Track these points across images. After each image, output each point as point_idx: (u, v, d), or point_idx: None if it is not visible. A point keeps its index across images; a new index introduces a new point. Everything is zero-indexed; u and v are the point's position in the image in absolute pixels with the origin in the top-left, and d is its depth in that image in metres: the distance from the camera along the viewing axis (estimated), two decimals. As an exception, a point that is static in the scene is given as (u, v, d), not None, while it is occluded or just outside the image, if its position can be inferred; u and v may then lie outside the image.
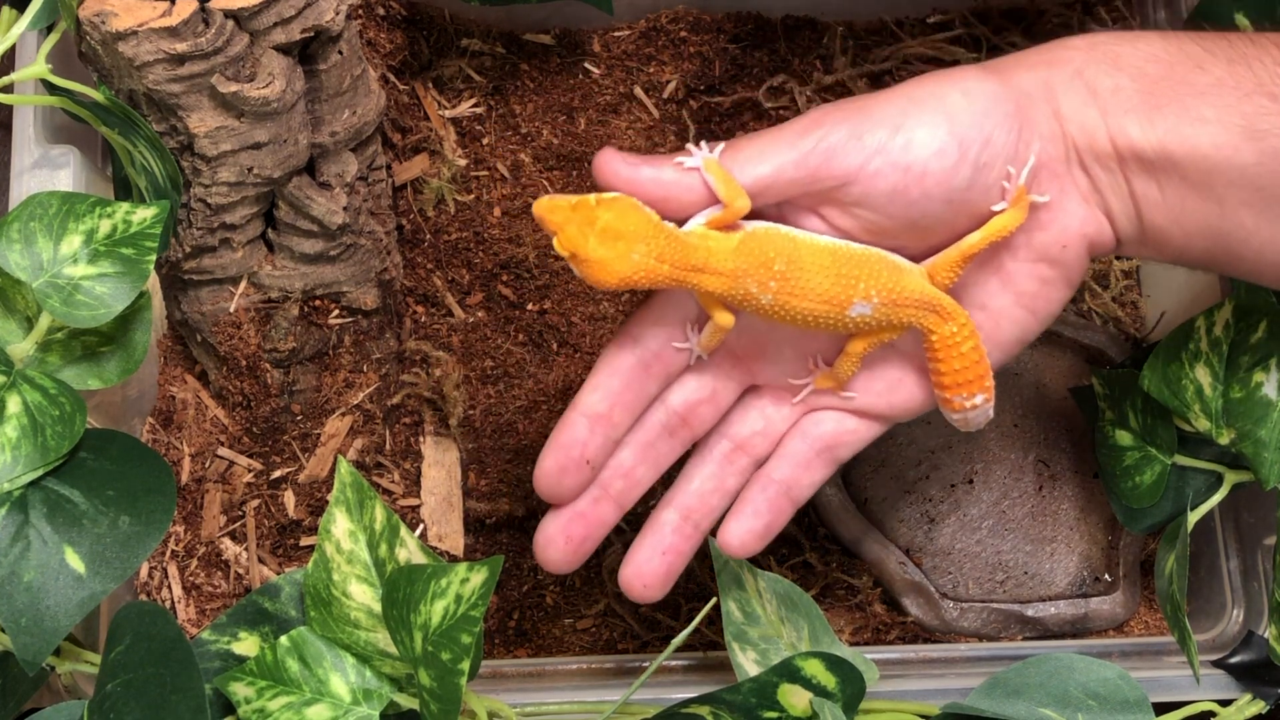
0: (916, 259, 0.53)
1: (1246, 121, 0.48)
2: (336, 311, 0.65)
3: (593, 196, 0.50)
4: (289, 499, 0.68)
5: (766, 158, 0.50)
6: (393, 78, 0.75)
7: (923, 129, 0.50)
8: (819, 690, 0.51)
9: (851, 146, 0.50)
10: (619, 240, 0.50)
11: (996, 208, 0.51)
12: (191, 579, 0.68)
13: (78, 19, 0.53)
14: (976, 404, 0.54)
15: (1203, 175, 0.49)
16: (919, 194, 0.50)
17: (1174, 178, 0.50)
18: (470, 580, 0.48)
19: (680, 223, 0.52)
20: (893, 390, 0.56)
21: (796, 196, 0.52)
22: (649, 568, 0.55)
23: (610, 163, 0.51)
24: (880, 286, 0.51)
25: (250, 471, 0.68)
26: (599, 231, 0.50)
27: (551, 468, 0.54)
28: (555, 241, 0.50)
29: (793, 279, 0.51)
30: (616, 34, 0.79)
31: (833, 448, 0.56)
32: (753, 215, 0.51)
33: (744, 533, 0.56)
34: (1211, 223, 0.50)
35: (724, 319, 0.52)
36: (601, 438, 0.54)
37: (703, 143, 0.51)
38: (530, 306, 0.75)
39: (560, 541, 0.55)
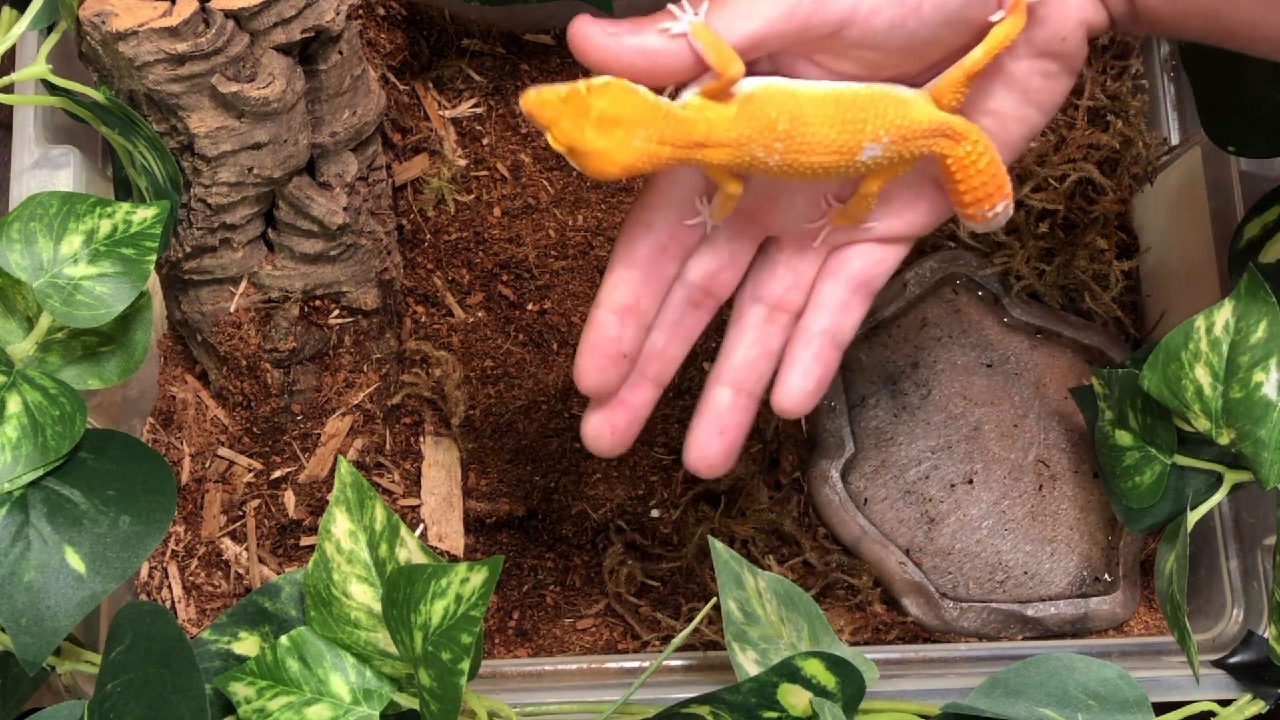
0: (917, 82, 0.51)
1: None
2: (336, 311, 0.65)
3: (583, 84, 0.47)
4: (289, 499, 0.68)
5: (755, 12, 0.48)
6: (393, 78, 0.75)
7: None
8: (819, 690, 0.51)
9: None
10: (617, 127, 0.47)
11: (995, 18, 0.49)
12: (191, 579, 0.67)
13: (78, 19, 0.53)
14: (998, 212, 0.52)
15: None
16: (917, 23, 0.48)
17: None
18: (470, 580, 0.48)
19: (672, 93, 0.49)
20: (910, 209, 0.55)
21: (789, 47, 0.50)
22: (711, 450, 0.55)
23: (587, 31, 0.47)
24: (888, 124, 0.49)
25: (250, 471, 0.68)
26: (595, 121, 0.47)
27: (591, 368, 0.53)
28: (549, 137, 0.47)
29: (798, 136, 0.49)
30: (616, 34, 0.79)
31: (866, 282, 0.55)
32: (745, 71, 0.49)
33: (796, 392, 0.55)
34: (1204, 1, 0.49)
35: (734, 188, 0.51)
36: (634, 329, 0.53)
37: (685, 2, 0.48)
38: (530, 306, 0.75)
39: (608, 432, 0.55)
